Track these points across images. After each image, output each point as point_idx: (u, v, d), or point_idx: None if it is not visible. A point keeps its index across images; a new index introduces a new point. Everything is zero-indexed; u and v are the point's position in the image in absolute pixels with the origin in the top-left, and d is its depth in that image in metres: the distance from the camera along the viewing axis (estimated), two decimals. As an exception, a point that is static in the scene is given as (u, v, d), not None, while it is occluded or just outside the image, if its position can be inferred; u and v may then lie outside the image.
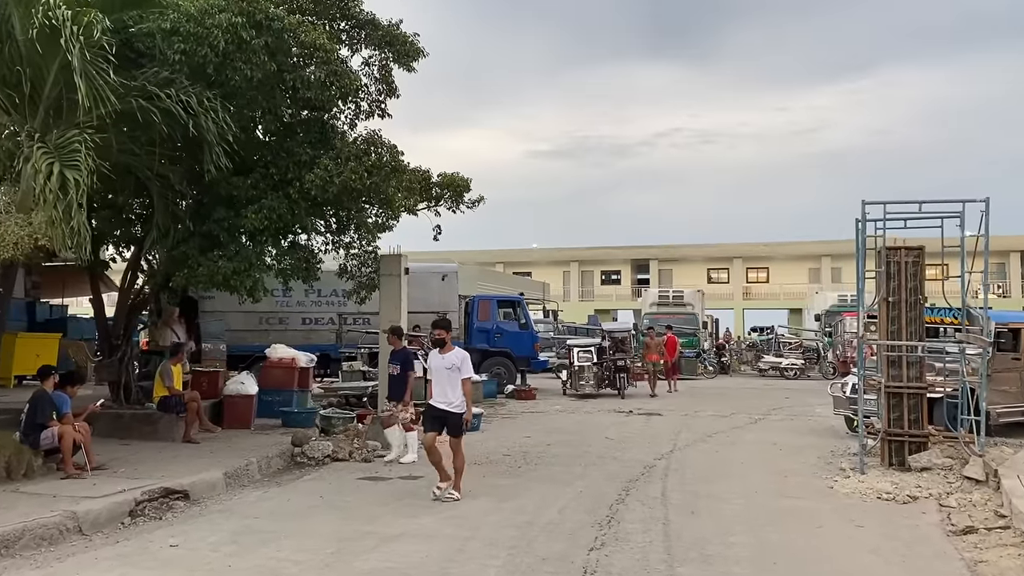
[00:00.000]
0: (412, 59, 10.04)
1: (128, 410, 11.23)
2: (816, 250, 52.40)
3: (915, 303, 10.24)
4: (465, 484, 8.66)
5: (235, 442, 10.80)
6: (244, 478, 9.11)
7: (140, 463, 9.07)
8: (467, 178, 11.24)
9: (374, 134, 9.87)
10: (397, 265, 11.60)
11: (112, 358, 11.17)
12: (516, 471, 9.68)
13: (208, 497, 8.15)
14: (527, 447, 11.52)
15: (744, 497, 8.32)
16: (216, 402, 12.54)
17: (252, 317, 19.12)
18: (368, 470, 9.74)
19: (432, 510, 7.57)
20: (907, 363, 10.13)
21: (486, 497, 8.09)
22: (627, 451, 11.26)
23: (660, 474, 9.54)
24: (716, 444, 12.09)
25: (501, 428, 13.77)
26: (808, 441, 12.47)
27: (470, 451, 11.17)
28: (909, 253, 10.29)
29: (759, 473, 9.72)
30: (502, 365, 20.19)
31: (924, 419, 10.05)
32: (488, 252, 53.52)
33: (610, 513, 7.49)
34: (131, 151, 8.36)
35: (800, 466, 10.28)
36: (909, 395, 10.06)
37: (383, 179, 9.24)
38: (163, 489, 7.84)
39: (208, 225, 9.37)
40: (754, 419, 15.39)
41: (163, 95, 7.53)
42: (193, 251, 9.29)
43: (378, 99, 10.47)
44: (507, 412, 16.26)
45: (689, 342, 28.23)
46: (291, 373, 13.50)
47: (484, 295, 21.62)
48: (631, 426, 14.22)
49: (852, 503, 8.18)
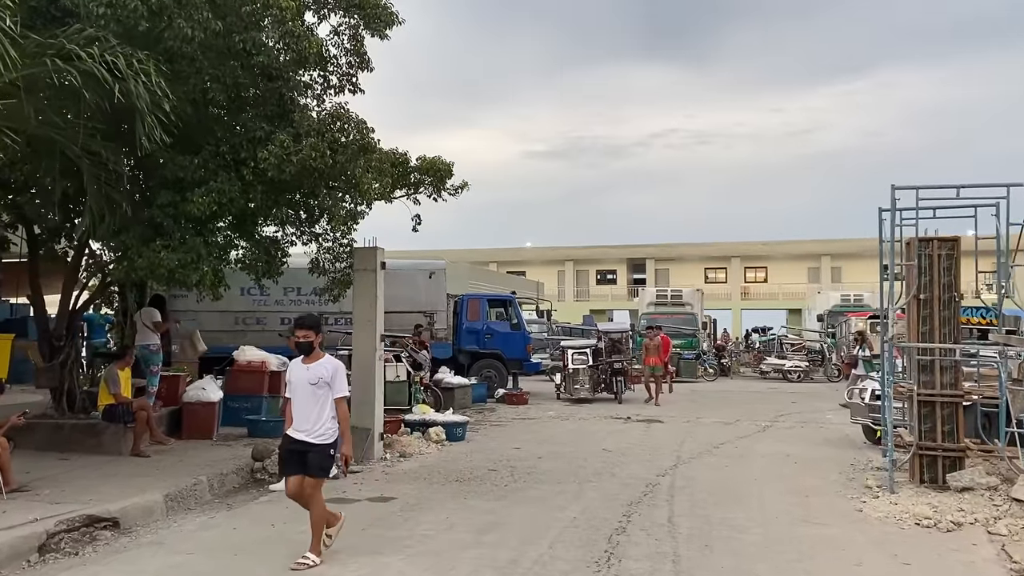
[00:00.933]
0: (385, 25, 8.90)
1: (70, 420, 10.07)
2: (816, 249, 51.49)
3: (949, 301, 9.16)
4: (444, 507, 7.54)
5: (190, 456, 9.66)
6: (191, 500, 7.98)
7: (70, 483, 7.92)
8: (449, 162, 10.11)
9: (340, 107, 8.72)
10: (372, 259, 10.45)
11: (53, 361, 9.98)
12: (502, 491, 8.55)
13: (142, 525, 7.01)
14: (515, 461, 10.39)
15: (763, 524, 7.20)
16: (176, 409, 11.42)
17: (227, 317, 18.05)
18: (334, 489, 8.56)
19: (400, 545, 6.42)
20: (940, 368, 9.05)
21: (465, 527, 6.95)
22: (626, 465, 10.15)
23: (665, 494, 8.42)
24: (724, 457, 10.98)
25: (489, 438, 12.64)
26: (824, 453, 11.38)
27: (454, 463, 10.12)
28: (943, 245, 9.20)
29: (776, 493, 8.62)
30: (492, 368, 19.16)
31: (960, 431, 8.96)
32: (481, 251, 52.57)
33: (610, 547, 6.36)
34: (55, 124, 7.20)
35: (820, 483, 9.19)
36: (943, 404, 8.97)
37: (349, 159, 8.11)
38: (86, 517, 6.68)
39: (151, 211, 8.21)
40: (761, 427, 14.30)
41: (84, 55, 6.38)
42: (134, 241, 8.14)
43: (349, 72, 9.33)
44: (497, 419, 15.13)
45: (688, 343, 27.18)
46: (260, 377, 12.38)
47: (474, 294, 20.59)
48: (630, 435, 13.11)
49: (889, 531, 7.08)
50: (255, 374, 12.42)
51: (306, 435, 5.84)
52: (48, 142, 7.37)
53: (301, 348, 6.04)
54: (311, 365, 5.95)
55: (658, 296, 31.56)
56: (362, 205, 9.48)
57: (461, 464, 10.12)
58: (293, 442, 5.90)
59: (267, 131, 8.18)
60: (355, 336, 10.80)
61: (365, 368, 10.59)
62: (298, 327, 6.06)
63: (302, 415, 5.89)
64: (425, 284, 18.58)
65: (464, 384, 16.60)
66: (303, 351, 6.02)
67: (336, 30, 9.26)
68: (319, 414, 5.86)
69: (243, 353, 12.81)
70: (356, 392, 10.79)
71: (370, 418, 10.46)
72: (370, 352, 10.54)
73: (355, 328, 10.78)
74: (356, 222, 10.60)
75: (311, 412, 5.86)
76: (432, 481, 9.01)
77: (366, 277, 10.53)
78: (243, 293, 17.47)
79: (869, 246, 48.22)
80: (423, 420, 12.30)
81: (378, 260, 10.51)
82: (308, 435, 5.84)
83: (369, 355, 10.55)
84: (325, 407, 5.88)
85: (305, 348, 5.99)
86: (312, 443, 5.81)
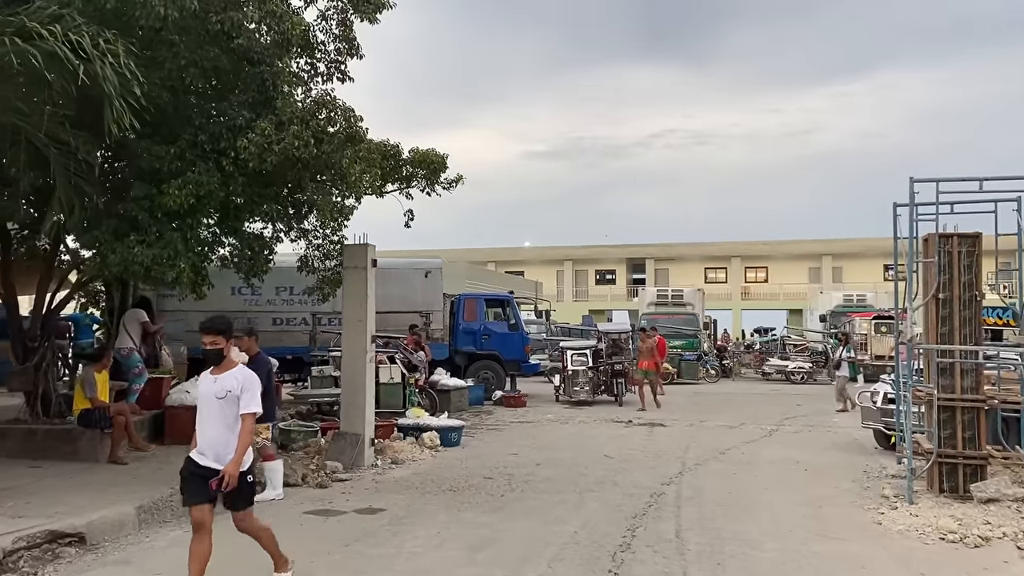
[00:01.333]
0: (375, 9, 8.39)
1: (44, 425, 9.57)
2: (817, 249, 51.07)
3: (970, 300, 8.67)
4: (436, 520, 7.07)
5: (169, 464, 9.12)
6: (166, 512, 7.47)
7: (39, 493, 7.44)
8: (443, 154, 9.61)
9: (326, 95, 8.23)
10: (363, 256, 9.95)
11: (27, 363, 9.49)
12: (498, 501, 8.06)
13: (110, 541, 6.52)
14: (513, 468, 9.91)
15: (778, 539, 6.72)
16: (159, 413, 10.93)
17: (217, 317, 17.53)
18: (320, 499, 8.12)
19: (386, 564, 5.94)
20: (961, 371, 8.57)
21: (457, 543, 6.46)
22: (629, 473, 9.67)
23: (671, 505, 7.94)
24: (731, 464, 10.49)
25: (485, 442, 12.16)
26: (834, 459, 10.91)
27: (448, 471, 9.63)
28: (963, 241, 8.72)
29: (788, 503, 8.14)
30: (490, 369, 18.67)
31: (981, 437, 8.48)
32: (479, 251, 52.13)
33: (614, 565, 5.88)
34: (19, 110, 6.71)
35: (834, 492, 8.72)
36: (963, 409, 8.50)
37: (335, 148, 7.62)
38: (48, 533, 6.20)
39: (126, 204, 7.72)
40: (767, 431, 13.82)
41: (45, 33, 5.89)
42: (107, 236, 7.64)
43: (337, 59, 8.84)
44: (494, 422, 14.65)
45: (690, 344, 26.72)
46: (248, 380, 11.88)
47: (471, 293, 20.09)
48: (632, 440, 12.62)
49: (912, 546, 6.60)
50: (242, 376, 11.92)
51: (214, 460, 4.89)
52: (12, 130, 6.88)
53: (209, 357, 5.00)
54: (219, 377, 4.95)
55: (659, 296, 31.06)
56: (351, 198, 8.99)
57: (455, 471, 9.64)
58: (197, 466, 4.94)
59: (248, 119, 7.69)
60: (344, 337, 10.31)
61: (355, 370, 10.11)
62: (204, 331, 4.99)
63: (208, 436, 4.91)
64: (421, 283, 18.13)
65: (460, 386, 16.13)
66: (211, 360, 5.01)
67: (323, 14, 8.78)
68: (228, 436, 4.89)
69: (230, 355, 12.31)
70: (345, 395, 10.33)
71: (360, 423, 9.98)
72: (360, 354, 10.05)
73: (344, 329, 10.30)
74: (347, 218, 10.13)
75: (219, 433, 4.90)
76: (424, 491, 8.53)
77: (356, 275, 10.04)
78: (233, 293, 16.93)
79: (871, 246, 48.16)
80: (417, 424, 11.82)
81: (369, 257, 10.01)
82: (217, 460, 4.89)
83: (359, 357, 10.06)
84: (236, 426, 4.92)
85: (213, 357, 4.99)
86: (220, 470, 4.86)
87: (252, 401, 4.96)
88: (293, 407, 14.20)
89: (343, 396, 10.34)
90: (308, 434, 11.02)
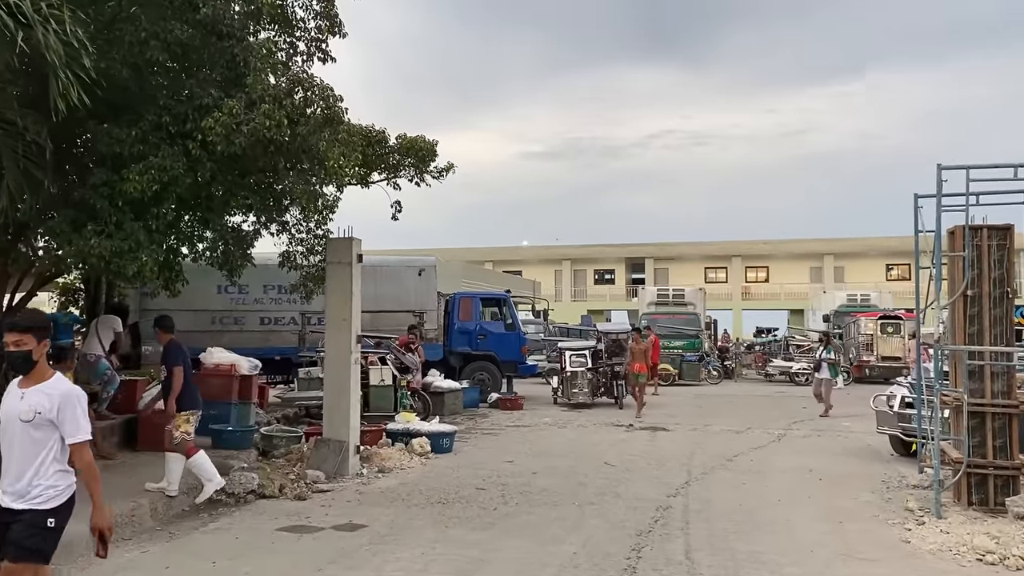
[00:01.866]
0: (357, -19, 7.79)
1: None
2: (818, 248, 50.42)
3: (1001, 297, 8.04)
4: (421, 539, 6.42)
5: (139, 472, 8.49)
6: (127, 528, 6.82)
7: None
8: (432, 141, 8.96)
9: (302, 72, 7.59)
10: (347, 251, 9.29)
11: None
12: (490, 516, 7.40)
13: (58, 564, 5.82)
14: (507, 477, 9.26)
15: (798, 562, 6.07)
16: (131, 418, 10.27)
17: (203, 316, 16.79)
18: (297, 513, 7.46)
19: (363, 589, 5.30)
20: (991, 374, 7.94)
21: (442, 566, 5.80)
22: (632, 483, 9.02)
23: (679, 520, 7.28)
24: (740, 472, 9.85)
25: (479, 448, 11.50)
26: (849, 467, 10.27)
27: (438, 480, 8.97)
28: (994, 234, 8.09)
29: (806, 518, 7.49)
30: (486, 370, 18.03)
31: (1014, 446, 7.85)
32: (477, 250, 51.49)
33: (618, 594, 5.24)
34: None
35: (853, 505, 8.08)
36: (994, 415, 7.86)
37: (311, 130, 6.98)
38: (-15, 556, 5.53)
39: (84, 192, 7.06)
40: (775, 436, 13.18)
41: (-20, -4, 5.24)
42: (64, 226, 6.99)
43: (318, 37, 8.20)
44: (489, 426, 14.00)
45: (691, 344, 26.07)
46: (230, 383, 11.17)
47: (466, 292, 19.47)
48: (634, 445, 11.97)
49: (947, 568, 5.96)
50: (223, 378, 11.21)
51: (15, 498, 3.73)
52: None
53: (14, 363, 3.82)
54: (27, 391, 3.78)
55: (659, 295, 30.38)
56: (331, 186, 8.34)
57: (446, 481, 8.99)
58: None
59: (216, 98, 7.04)
60: (328, 337, 9.66)
61: (338, 372, 9.45)
62: (8, 331, 3.82)
63: (10, 467, 3.77)
64: (414, 282, 17.50)
65: (455, 388, 15.50)
66: (17, 367, 3.82)
67: (302, -11, 8.14)
68: (37, 466, 3.72)
69: (210, 356, 11.61)
70: (328, 399, 9.68)
71: (344, 429, 9.32)
72: (344, 354, 9.40)
73: (328, 328, 9.64)
74: (331, 211, 9.48)
75: (24, 462, 3.73)
76: (411, 503, 7.88)
77: (340, 271, 9.38)
78: (220, 291, 16.26)
79: (873, 245, 47.63)
80: (407, 430, 11.16)
81: (354, 252, 9.36)
82: (18, 498, 3.72)
83: (343, 358, 9.41)
84: (48, 455, 3.75)
85: (19, 363, 3.80)
86: (19, 509, 3.71)
87: (80, 425, 3.78)
88: (280, 410, 13.54)
89: (326, 400, 9.68)
90: (291, 440, 10.39)
